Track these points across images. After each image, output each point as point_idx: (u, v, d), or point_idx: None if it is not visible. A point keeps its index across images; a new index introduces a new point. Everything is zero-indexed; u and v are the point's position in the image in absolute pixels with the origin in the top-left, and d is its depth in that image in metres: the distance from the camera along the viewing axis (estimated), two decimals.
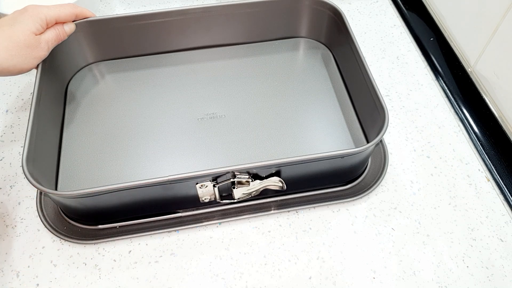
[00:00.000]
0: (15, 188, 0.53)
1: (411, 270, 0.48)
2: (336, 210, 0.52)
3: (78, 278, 0.47)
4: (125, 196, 0.46)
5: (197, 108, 0.58)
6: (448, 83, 0.64)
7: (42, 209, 0.51)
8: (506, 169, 0.55)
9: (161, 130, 0.56)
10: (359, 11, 0.74)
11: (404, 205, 0.52)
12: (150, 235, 0.49)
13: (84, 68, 0.63)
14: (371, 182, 0.53)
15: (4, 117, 0.60)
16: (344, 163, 0.49)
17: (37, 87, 0.51)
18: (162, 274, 0.47)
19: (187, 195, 0.48)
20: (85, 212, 0.48)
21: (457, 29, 0.67)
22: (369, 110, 0.53)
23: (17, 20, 0.49)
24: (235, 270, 0.47)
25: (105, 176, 0.52)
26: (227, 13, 0.61)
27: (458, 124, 0.60)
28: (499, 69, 0.58)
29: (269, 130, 0.56)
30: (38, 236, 0.49)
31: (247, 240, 0.49)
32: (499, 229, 0.51)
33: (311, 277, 0.47)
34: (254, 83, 0.61)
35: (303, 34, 0.67)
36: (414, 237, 0.50)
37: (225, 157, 0.54)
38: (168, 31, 0.62)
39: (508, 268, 0.48)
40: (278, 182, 0.48)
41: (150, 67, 0.63)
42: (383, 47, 0.69)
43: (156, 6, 0.75)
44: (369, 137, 0.55)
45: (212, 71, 0.63)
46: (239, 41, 0.66)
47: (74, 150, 0.55)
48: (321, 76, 0.62)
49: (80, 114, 0.58)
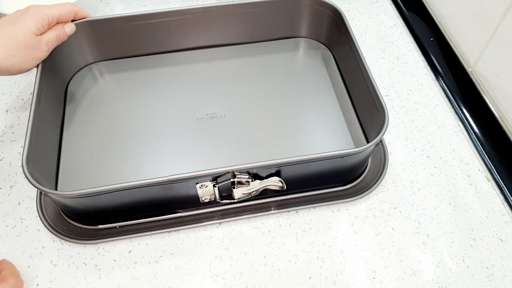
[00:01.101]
0: (15, 188, 0.53)
1: (411, 270, 0.47)
2: (336, 210, 0.52)
3: (78, 278, 0.47)
4: (125, 196, 0.46)
5: (197, 108, 0.58)
6: (448, 83, 0.64)
7: (42, 209, 0.51)
8: (506, 169, 0.55)
9: (161, 130, 0.56)
10: (359, 11, 0.74)
11: (404, 205, 0.52)
12: (150, 235, 0.49)
13: (84, 68, 0.63)
14: (371, 182, 0.53)
15: (4, 117, 0.60)
16: (344, 163, 0.49)
17: (37, 87, 0.51)
18: (162, 274, 0.47)
19: (187, 195, 0.48)
20: (85, 212, 0.48)
21: (457, 29, 0.67)
22: (369, 110, 0.53)
23: (18, 20, 0.49)
24: (235, 270, 0.47)
25: (105, 176, 0.52)
26: (227, 13, 0.61)
27: (458, 124, 0.60)
28: (499, 69, 0.58)
29: (269, 130, 0.56)
30: (38, 236, 0.49)
31: (247, 240, 0.49)
32: (499, 229, 0.51)
33: (311, 277, 0.47)
34: (254, 83, 0.61)
35: (303, 34, 0.67)
36: (414, 237, 0.50)
37: (225, 157, 0.54)
38: (168, 31, 0.62)
39: (508, 268, 0.48)
40: (278, 182, 0.48)
41: (150, 67, 0.63)
42: (383, 47, 0.69)
43: (156, 6, 0.75)
44: (369, 137, 0.55)
45: (212, 71, 0.63)
46: (239, 41, 0.66)
47: (74, 150, 0.55)
48: (321, 76, 0.62)
49: (80, 114, 0.58)
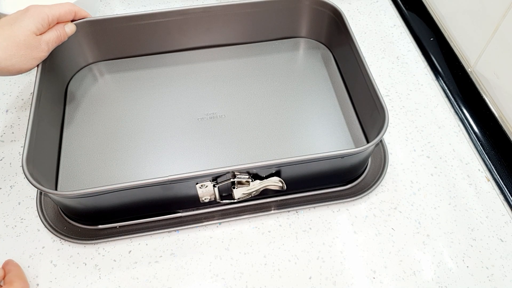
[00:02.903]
0: (15, 188, 0.53)
1: (411, 270, 0.47)
2: (336, 210, 0.52)
3: (78, 278, 0.47)
4: (125, 196, 0.46)
5: (197, 108, 0.58)
6: (448, 83, 0.64)
7: (42, 209, 0.51)
8: (506, 169, 0.55)
9: (161, 130, 0.56)
10: (359, 11, 0.74)
11: (404, 205, 0.52)
12: (150, 235, 0.49)
13: (84, 68, 0.63)
14: (371, 182, 0.53)
15: (4, 117, 0.60)
16: (344, 163, 0.49)
17: (37, 87, 0.51)
18: (162, 274, 0.47)
19: (187, 195, 0.48)
20: (85, 212, 0.48)
21: (457, 29, 0.67)
22: (369, 110, 0.53)
23: (18, 20, 0.49)
24: (235, 270, 0.47)
25: (105, 176, 0.52)
26: (227, 13, 0.61)
27: (458, 124, 0.60)
28: (499, 69, 0.58)
29: (269, 130, 0.56)
30: (38, 236, 0.49)
31: (247, 240, 0.49)
32: (499, 229, 0.51)
33: (311, 277, 0.47)
34: (254, 83, 0.61)
35: (303, 34, 0.67)
36: (414, 237, 0.50)
37: (225, 157, 0.54)
38: (168, 31, 0.62)
39: (508, 268, 0.48)
40: (278, 182, 0.48)
41: (150, 67, 0.63)
42: (383, 47, 0.69)
43: (156, 6, 0.75)
44: (369, 137, 0.55)
45: (212, 71, 0.63)
46: (239, 41, 0.66)
47: (74, 150, 0.55)
48: (321, 76, 0.62)
49: (80, 114, 0.58)
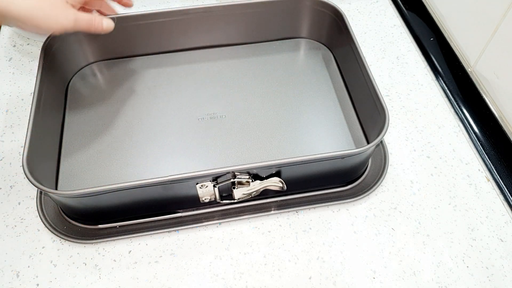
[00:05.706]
0: (15, 188, 0.53)
1: (411, 270, 0.47)
2: (336, 210, 0.52)
3: (78, 278, 0.47)
4: (125, 196, 0.46)
5: (197, 108, 0.58)
6: (448, 83, 0.64)
7: (42, 209, 0.51)
8: (506, 169, 0.55)
9: (161, 130, 0.56)
10: (359, 11, 0.74)
11: (404, 205, 0.52)
12: (150, 235, 0.49)
13: (84, 67, 0.63)
14: (371, 182, 0.53)
15: (4, 117, 0.60)
16: (344, 164, 0.49)
17: (37, 87, 0.51)
18: (162, 274, 0.47)
19: (187, 195, 0.48)
20: (85, 212, 0.48)
21: (457, 29, 0.67)
22: (370, 110, 0.53)
23: None
24: (235, 270, 0.47)
25: (105, 176, 0.52)
26: (228, 14, 0.61)
27: (458, 124, 0.60)
28: (499, 69, 0.58)
29: (270, 130, 0.56)
30: (38, 236, 0.49)
31: (247, 240, 0.49)
32: (499, 229, 0.51)
33: (311, 277, 0.47)
34: (254, 83, 0.61)
35: (304, 34, 0.67)
36: (414, 237, 0.50)
37: (225, 157, 0.54)
38: (168, 31, 0.62)
39: (508, 268, 0.48)
40: (278, 183, 0.48)
41: (151, 67, 0.63)
42: (383, 47, 0.69)
43: (156, 6, 0.75)
44: (370, 137, 0.55)
45: (213, 71, 0.63)
46: (240, 41, 0.66)
47: (74, 150, 0.54)
48: (322, 76, 0.62)
49: (80, 114, 0.58)
